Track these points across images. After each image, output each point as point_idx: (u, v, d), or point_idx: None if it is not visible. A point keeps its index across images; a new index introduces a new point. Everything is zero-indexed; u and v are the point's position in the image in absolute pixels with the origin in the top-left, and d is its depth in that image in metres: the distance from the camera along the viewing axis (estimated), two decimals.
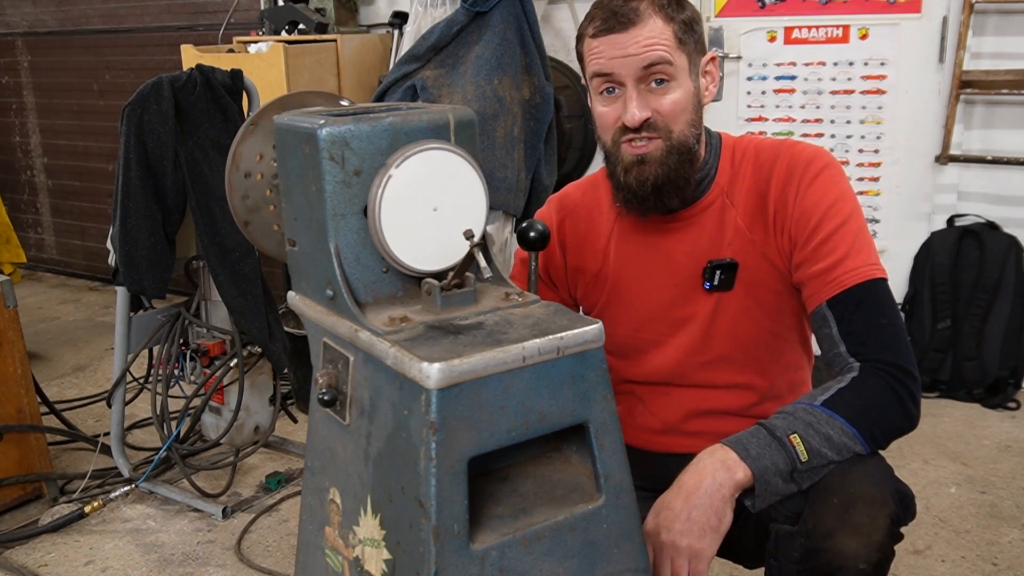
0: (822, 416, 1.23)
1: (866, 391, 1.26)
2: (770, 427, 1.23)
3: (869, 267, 1.31)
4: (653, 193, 1.38)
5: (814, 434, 1.22)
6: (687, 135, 1.37)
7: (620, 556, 1.09)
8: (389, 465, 1.03)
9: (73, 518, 2.53)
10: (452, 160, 1.11)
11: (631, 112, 1.33)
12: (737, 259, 1.42)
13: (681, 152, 1.36)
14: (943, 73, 3.07)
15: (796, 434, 1.21)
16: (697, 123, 1.39)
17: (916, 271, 3.24)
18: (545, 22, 3.30)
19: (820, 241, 1.33)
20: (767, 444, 1.21)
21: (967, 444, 2.85)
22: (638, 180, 1.37)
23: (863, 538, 1.18)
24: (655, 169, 1.36)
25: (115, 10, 4.70)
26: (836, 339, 1.30)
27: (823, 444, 1.22)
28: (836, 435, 1.22)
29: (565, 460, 1.13)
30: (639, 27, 1.30)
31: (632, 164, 1.37)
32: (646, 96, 1.33)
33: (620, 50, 1.31)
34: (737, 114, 3.39)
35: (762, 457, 1.20)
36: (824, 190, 1.35)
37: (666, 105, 1.34)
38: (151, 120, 2.41)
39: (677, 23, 1.32)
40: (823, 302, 1.32)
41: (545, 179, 3.07)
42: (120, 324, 2.64)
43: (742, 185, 1.43)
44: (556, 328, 1.03)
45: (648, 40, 1.30)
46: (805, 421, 1.23)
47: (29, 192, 5.45)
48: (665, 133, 1.35)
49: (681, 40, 1.33)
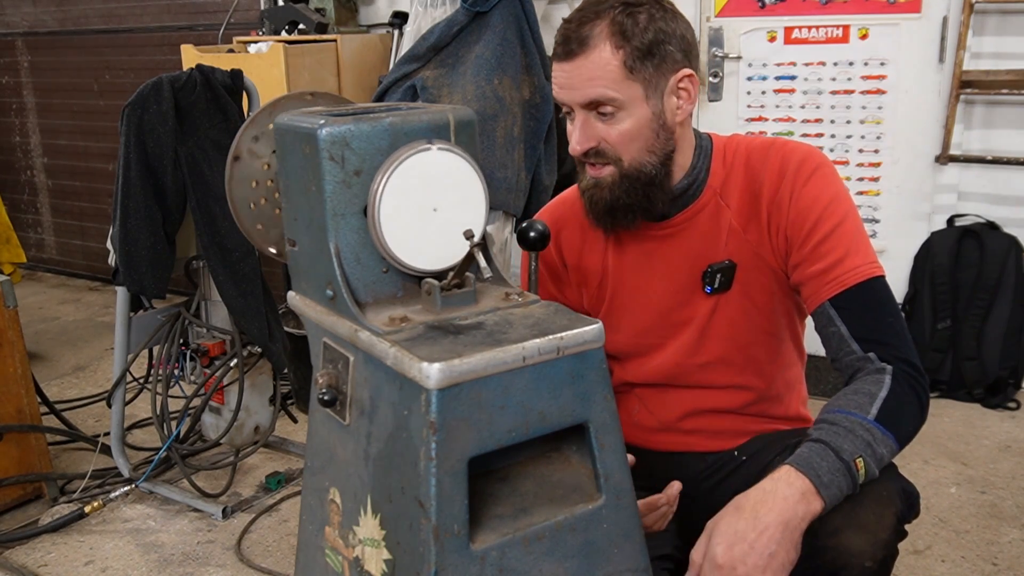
0: (879, 435, 1.21)
1: (904, 403, 1.25)
2: (837, 448, 1.19)
3: (869, 265, 1.32)
4: (607, 214, 1.39)
5: (872, 455, 1.20)
6: (642, 161, 1.34)
7: (620, 556, 1.09)
8: (389, 465, 1.03)
9: (73, 518, 2.53)
10: (452, 160, 1.11)
11: (572, 144, 1.35)
12: (733, 259, 1.42)
13: (634, 178, 1.35)
14: (943, 73, 3.07)
15: (861, 458, 1.19)
16: (659, 146, 1.35)
17: (916, 271, 3.24)
18: (545, 22, 3.31)
19: (819, 241, 1.33)
20: (836, 470, 1.17)
21: (967, 444, 2.85)
22: (591, 201, 1.39)
23: (869, 536, 1.18)
24: (606, 193, 1.37)
25: (115, 10, 4.70)
26: (847, 338, 1.30)
27: (877, 465, 1.21)
28: (887, 455, 1.22)
29: (565, 460, 1.13)
30: (582, 57, 1.28)
31: (588, 186, 1.39)
32: (593, 125, 1.33)
33: (565, 79, 1.31)
34: (737, 114, 3.39)
35: (832, 485, 1.17)
36: (819, 190, 1.35)
37: (613, 135, 1.33)
38: (151, 120, 2.41)
39: (629, 49, 1.27)
40: (825, 301, 1.32)
41: (545, 179, 3.07)
42: (120, 324, 2.64)
43: (735, 185, 1.43)
44: (556, 328, 1.03)
45: (590, 74, 1.28)
46: (866, 440, 1.20)
47: (29, 192, 5.44)
48: (615, 160, 1.35)
49: (631, 68, 1.28)
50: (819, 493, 1.15)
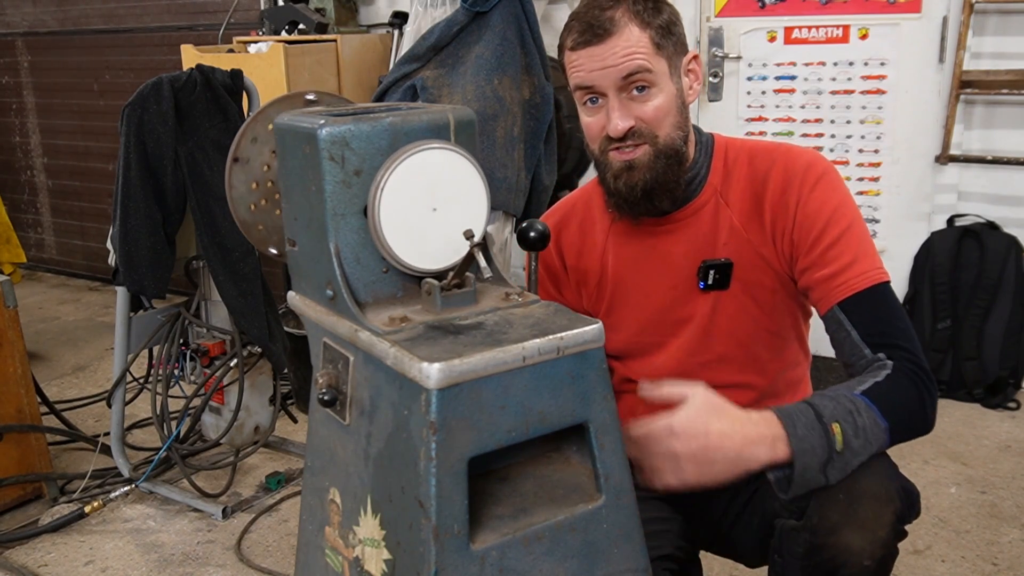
0: (861, 404, 1.23)
1: (899, 389, 1.26)
2: (818, 410, 1.21)
3: (877, 271, 1.33)
4: (644, 197, 1.39)
5: (852, 424, 1.21)
6: (673, 137, 1.37)
7: (620, 556, 1.09)
8: (389, 465, 1.03)
9: (73, 518, 2.53)
10: (452, 160, 1.11)
11: (614, 123, 1.34)
12: (732, 259, 1.43)
13: (669, 155, 1.37)
14: (943, 73, 3.07)
15: (838, 423, 1.20)
16: (683, 124, 1.39)
17: (916, 271, 3.24)
18: (545, 22, 3.30)
19: (827, 246, 1.34)
20: (812, 428, 1.20)
21: (967, 444, 2.85)
22: (627, 185, 1.39)
23: (868, 534, 1.19)
24: (643, 174, 1.37)
25: (115, 10, 4.70)
26: (858, 342, 1.31)
27: (856, 435, 1.21)
28: (871, 427, 1.22)
29: (565, 460, 1.13)
30: (615, 37, 1.31)
31: (621, 170, 1.38)
32: (628, 104, 1.35)
33: (599, 62, 1.33)
34: (737, 114, 3.39)
35: (806, 440, 1.19)
36: (826, 196, 1.37)
37: (649, 111, 1.35)
38: (151, 120, 2.41)
39: (653, 28, 1.33)
40: (835, 304, 1.33)
41: (545, 179, 3.07)
42: (120, 324, 2.64)
43: (736, 186, 1.43)
44: (556, 328, 1.03)
45: (625, 50, 1.31)
46: (847, 409, 1.22)
47: (29, 192, 5.44)
48: (651, 139, 1.36)
49: (659, 45, 1.33)
50: (789, 442, 1.19)
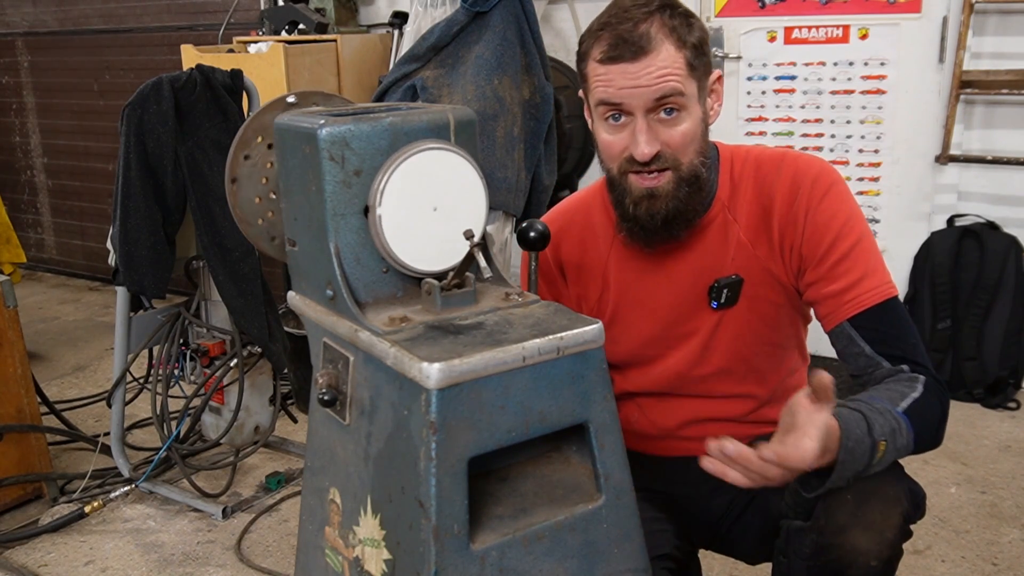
0: (903, 426, 1.20)
1: (930, 409, 1.26)
2: (871, 423, 1.16)
3: (886, 286, 1.32)
4: (663, 226, 1.34)
5: (893, 444, 1.19)
6: (696, 164, 1.32)
7: (620, 556, 1.09)
8: (389, 465, 1.03)
9: (73, 518, 2.53)
10: (452, 160, 1.11)
11: (641, 148, 1.27)
12: (741, 274, 1.40)
13: (691, 182, 1.32)
14: (943, 73, 3.07)
15: (885, 442, 1.17)
16: (705, 149, 1.35)
17: (916, 271, 3.24)
18: (545, 22, 3.30)
19: (836, 260, 1.32)
20: (862, 443, 1.15)
21: (967, 444, 2.85)
22: (648, 213, 1.33)
23: (876, 535, 1.18)
24: (666, 203, 1.32)
25: (115, 10, 4.70)
26: (873, 356, 1.30)
27: (892, 453, 1.20)
28: (904, 448, 1.21)
29: (565, 460, 1.13)
30: (651, 56, 1.24)
31: (642, 197, 1.32)
32: (656, 128, 1.28)
33: (631, 80, 1.25)
34: (737, 114, 3.38)
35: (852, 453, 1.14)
36: (835, 209, 1.33)
37: (676, 137, 1.29)
38: (151, 120, 2.41)
39: (688, 48, 1.26)
40: (844, 320, 1.31)
41: (545, 179, 3.07)
42: (120, 324, 2.64)
43: (743, 199, 1.40)
44: (556, 328, 1.03)
45: (661, 71, 1.24)
46: (892, 428, 1.19)
47: (29, 192, 5.44)
48: (675, 165, 1.30)
49: (693, 66, 1.27)
50: (837, 454, 1.13)
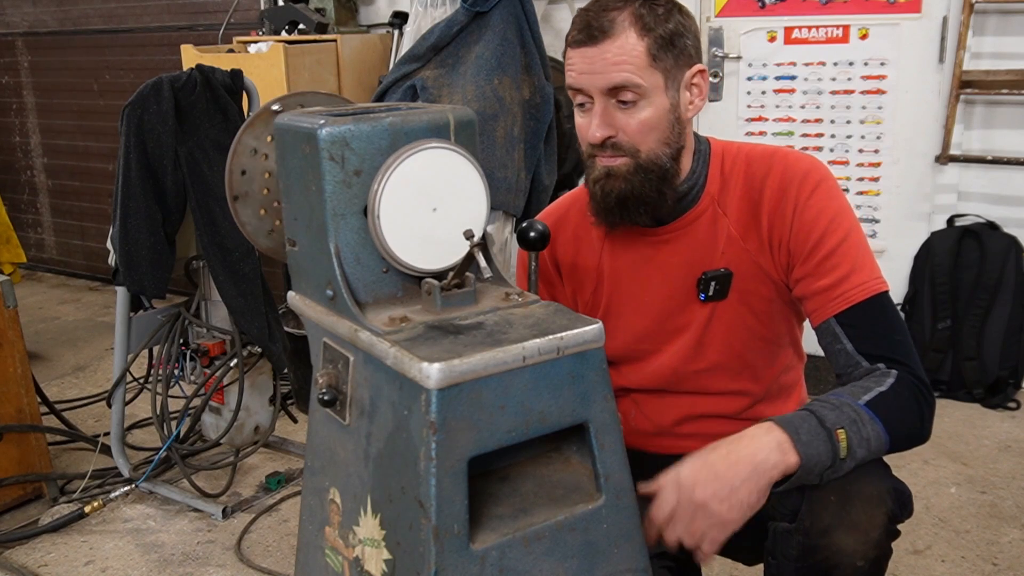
0: (865, 417, 1.22)
1: (901, 401, 1.25)
2: (820, 416, 1.20)
3: (874, 281, 1.32)
4: (617, 206, 1.36)
5: (856, 433, 1.20)
6: (658, 153, 1.33)
7: (620, 556, 1.09)
8: (389, 465, 1.03)
9: (73, 518, 2.53)
10: (452, 160, 1.11)
11: (592, 131, 1.32)
12: (731, 268, 1.41)
13: (649, 171, 1.34)
14: (943, 73, 3.07)
15: (843, 429, 1.19)
16: (673, 139, 1.35)
17: (916, 271, 3.24)
18: (545, 22, 3.30)
19: (824, 256, 1.33)
20: (816, 434, 1.18)
21: (967, 444, 2.85)
22: (603, 192, 1.36)
23: (861, 535, 1.19)
24: (619, 184, 1.34)
25: (115, 10, 4.70)
26: (853, 354, 1.30)
27: (860, 445, 1.20)
28: (873, 439, 1.22)
29: (565, 460, 1.13)
30: (608, 42, 1.27)
31: (600, 176, 1.36)
32: (612, 113, 1.31)
33: (588, 65, 1.29)
34: (737, 114, 3.38)
35: (810, 445, 1.18)
36: (823, 204, 1.34)
37: (632, 125, 1.31)
38: (151, 120, 2.41)
39: (653, 37, 1.28)
40: (830, 317, 1.32)
41: (545, 179, 3.07)
42: (120, 324, 2.64)
43: (733, 194, 1.41)
44: (556, 328, 1.03)
45: (616, 58, 1.27)
46: (851, 418, 1.21)
47: (29, 192, 5.44)
48: (631, 151, 1.33)
49: (655, 56, 1.28)
50: (796, 448, 1.17)
